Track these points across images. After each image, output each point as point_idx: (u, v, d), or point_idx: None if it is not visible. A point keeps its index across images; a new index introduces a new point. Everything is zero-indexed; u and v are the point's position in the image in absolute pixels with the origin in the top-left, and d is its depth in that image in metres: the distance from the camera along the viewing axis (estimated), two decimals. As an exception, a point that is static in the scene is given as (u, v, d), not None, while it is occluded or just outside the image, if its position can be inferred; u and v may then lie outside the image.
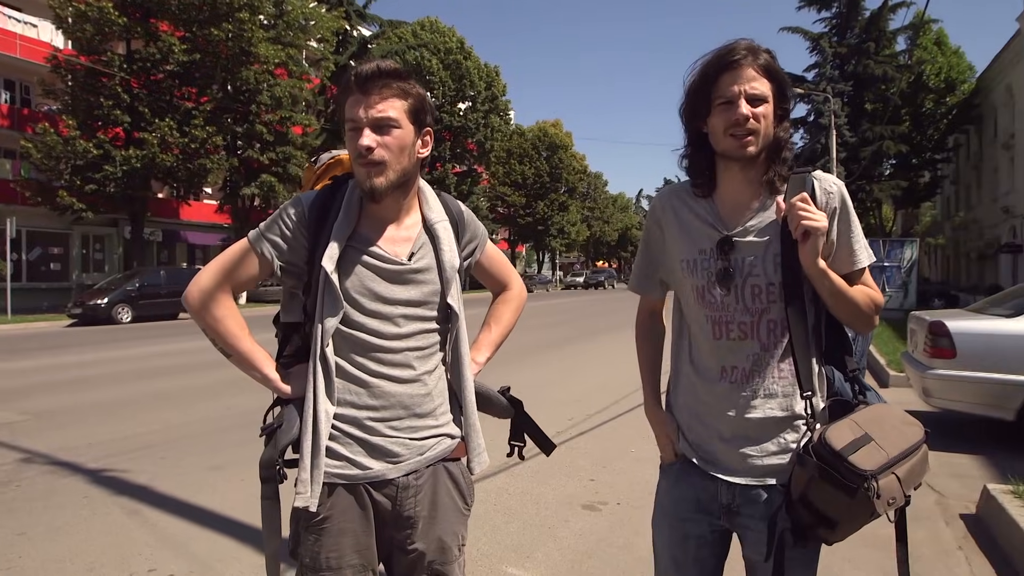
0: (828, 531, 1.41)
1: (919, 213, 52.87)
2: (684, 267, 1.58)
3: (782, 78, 1.49)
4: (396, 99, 1.51)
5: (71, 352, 12.86)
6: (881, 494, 1.32)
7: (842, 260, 1.53)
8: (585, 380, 8.94)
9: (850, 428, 1.40)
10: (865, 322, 1.54)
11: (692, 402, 1.61)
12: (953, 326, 5.66)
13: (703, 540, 1.62)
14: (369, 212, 1.58)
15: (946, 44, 39.51)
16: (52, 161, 22.21)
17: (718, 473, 1.56)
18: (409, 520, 1.58)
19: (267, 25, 25.44)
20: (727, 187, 1.55)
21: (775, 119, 1.48)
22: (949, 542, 3.72)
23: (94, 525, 3.87)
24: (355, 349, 1.54)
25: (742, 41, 1.48)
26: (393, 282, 1.57)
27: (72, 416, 6.82)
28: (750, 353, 1.52)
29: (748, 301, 1.51)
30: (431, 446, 1.61)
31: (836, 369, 1.56)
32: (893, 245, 18.33)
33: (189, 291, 1.56)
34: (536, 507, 4.18)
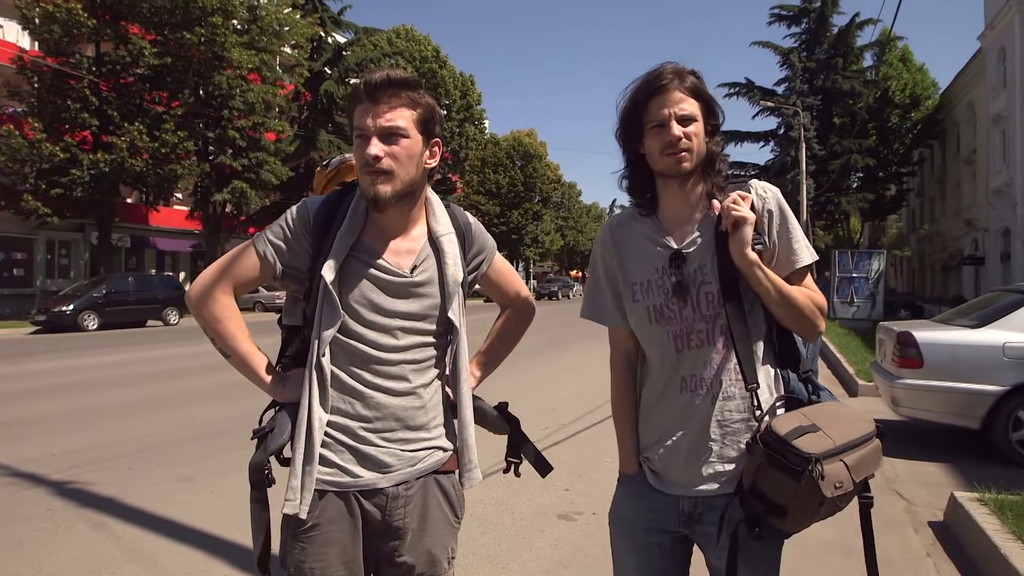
0: (780, 520, 1.44)
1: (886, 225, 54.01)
2: (638, 289, 1.62)
3: (708, 97, 1.56)
4: (405, 108, 1.50)
5: (34, 360, 12.55)
6: (826, 476, 1.36)
7: (783, 260, 1.58)
8: (560, 389, 8.95)
9: (797, 418, 1.45)
10: (809, 324, 1.56)
11: (654, 421, 1.65)
12: (920, 336, 5.78)
13: (663, 549, 1.64)
14: (374, 222, 1.57)
15: (911, 61, 40.54)
16: (17, 164, 21.73)
17: (681, 492, 1.60)
18: (398, 531, 1.57)
19: (241, 30, 25.23)
20: (668, 204, 1.62)
21: (706, 135, 1.55)
22: (918, 549, 3.78)
23: (58, 538, 3.76)
24: (351, 359, 1.53)
25: (668, 65, 1.54)
26: (394, 294, 1.55)
27: (35, 426, 6.64)
28: (707, 360, 1.56)
29: (703, 309, 1.56)
30: (422, 458, 1.60)
31: (791, 371, 1.61)
32: (861, 256, 18.65)
33: (191, 289, 1.57)
34: (511, 517, 4.17)
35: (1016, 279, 21.82)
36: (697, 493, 1.57)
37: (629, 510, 1.69)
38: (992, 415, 5.45)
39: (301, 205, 1.57)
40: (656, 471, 1.64)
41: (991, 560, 3.36)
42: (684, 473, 1.59)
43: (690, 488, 1.58)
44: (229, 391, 8.63)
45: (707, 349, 1.56)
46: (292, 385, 1.55)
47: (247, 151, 26.61)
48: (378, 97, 1.49)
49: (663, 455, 1.61)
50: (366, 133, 1.48)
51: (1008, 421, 5.43)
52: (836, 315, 18.38)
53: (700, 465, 1.56)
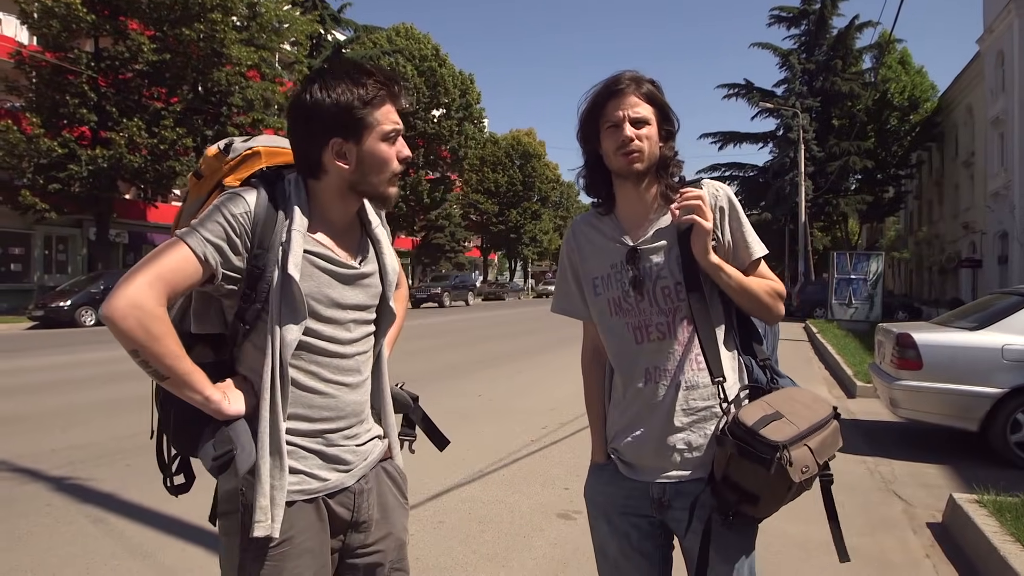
0: (752, 506, 1.50)
1: (884, 227, 54.10)
2: (599, 283, 1.70)
3: (663, 103, 1.64)
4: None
5: (32, 355, 12.53)
6: (794, 463, 1.42)
7: (739, 255, 1.67)
8: (558, 388, 8.94)
9: (761, 408, 1.51)
10: (768, 311, 1.66)
11: (622, 412, 1.70)
12: (920, 338, 5.79)
13: (643, 532, 1.68)
14: (317, 218, 1.49)
15: (910, 63, 40.64)
16: (14, 159, 21.68)
17: (647, 479, 1.65)
18: (365, 524, 1.56)
19: (240, 27, 25.16)
20: (624, 203, 1.70)
21: (660, 139, 1.63)
22: (917, 551, 3.79)
23: (58, 534, 3.76)
24: (310, 358, 1.47)
25: (627, 72, 1.64)
26: (344, 286, 1.52)
27: (33, 422, 6.63)
28: (669, 351, 1.63)
29: (661, 302, 1.63)
30: (371, 450, 1.59)
31: (752, 358, 1.68)
32: (860, 258, 18.72)
33: (116, 308, 1.28)
34: (511, 516, 4.17)
35: (1014, 282, 21.88)
36: (666, 479, 1.63)
37: (604, 496, 1.74)
38: (991, 417, 5.47)
39: (235, 199, 1.42)
40: (625, 460, 1.69)
41: (990, 562, 3.36)
42: (653, 460, 1.64)
43: (659, 474, 1.64)
44: (227, 388, 8.64)
45: (668, 341, 1.63)
46: (238, 399, 1.42)
47: (246, 148, 26.51)
48: (397, 96, 1.51)
49: (631, 444, 1.67)
50: (398, 131, 1.50)
51: (1007, 423, 5.45)
52: (834, 316, 18.43)
53: (668, 453, 1.62)
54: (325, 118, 1.42)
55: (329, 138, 1.44)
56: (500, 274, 69.53)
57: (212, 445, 1.38)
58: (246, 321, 1.43)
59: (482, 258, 61.41)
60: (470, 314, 28.48)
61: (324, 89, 1.42)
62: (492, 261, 64.55)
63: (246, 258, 1.41)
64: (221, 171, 1.56)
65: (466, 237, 51.64)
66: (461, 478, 4.86)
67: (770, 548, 3.66)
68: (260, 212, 1.42)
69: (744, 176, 43.10)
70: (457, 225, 47.31)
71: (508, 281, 59.81)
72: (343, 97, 1.41)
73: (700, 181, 1.69)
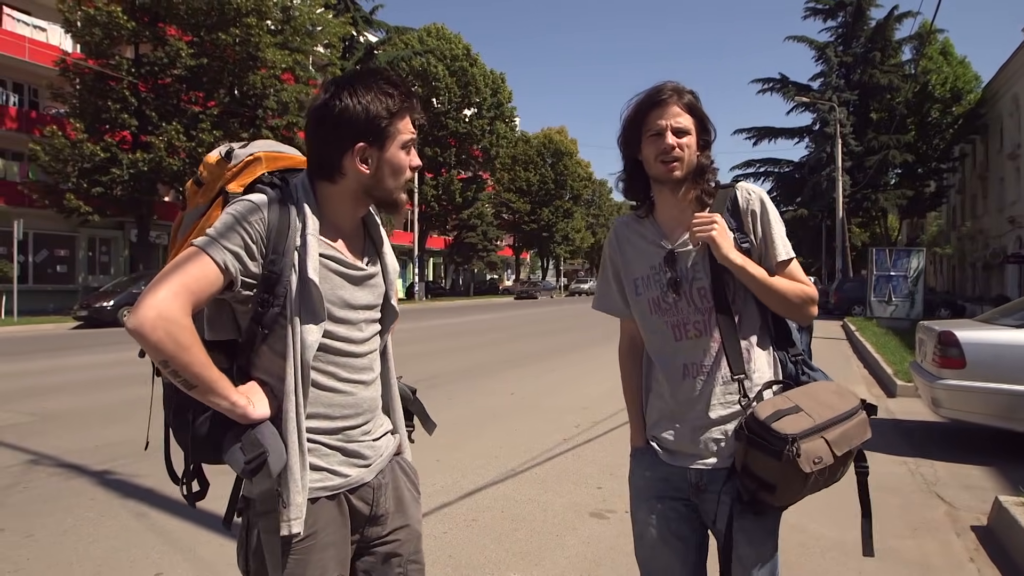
0: (769, 495, 1.59)
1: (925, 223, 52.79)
2: (640, 283, 1.81)
3: (702, 114, 1.73)
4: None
5: (77, 354, 12.89)
6: (803, 454, 1.50)
7: (767, 256, 1.74)
8: (591, 387, 8.91)
9: (779, 402, 1.60)
10: (797, 312, 1.73)
11: (663, 403, 1.80)
12: (963, 336, 5.63)
13: (680, 515, 1.77)
14: (327, 221, 1.53)
15: (952, 54, 39.50)
16: (59, 164, 22.30)
17: (687, 464, 1.75)
18: (382, 517, 1.61)
19: (274, 30, 25.53)
20: (663, 207, 1.80)
21: (698, 148, 1.72)
22: (960, 554, 3.69)
23: (101, 528, 3.86)
24: (327, 358, 1.51)
25: (669, 83, 1.73)
26: (354, 287, 1.57)
27: (78, 418, 6.82)
28: (706, 348, 1.73)
29: (697, 302, 1.73)
30: (386, 445, 1.65)
31: (785, 354, 1.77)
32: (900, 254, 18.25)
33: (145, 320, 1.30)
34: (543, 514, 4.16)
35: (1062, 278, 21.16)
36: (702, 465, 1.72)
37: (644, 480, 1.84)
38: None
39: (251, 205, 1.44)
40: (664, 447, 1.79)
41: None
42: (691, 448, 1.74)
43: (695, 460, 1.74)
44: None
45: (704, 339, 1.73)
46: (262, 402, 1.44)
47: (281, 151, 26.91)
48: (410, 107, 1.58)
49: (670, 433, 1.77)
50: (414, 141, 1.58)
51: (1055, 424, 5.27)
52: (873, 314, 18.03)
53: (704, 442, 1.72)
54: (354, 123, 1.46)
55: (355, 143, 1.47)
56: (532, 273, 69.53)
57: (241, 450, 1.39)
58: (264, 325, 1.45)
59: (514, 257, 61.45)
60: (503, 312, 28.51)
61: (353, 96, 1.46)
62: (524, 260, 64.51)
63: (262, 264, 1.44)
64: (223, 177, 1.57)
65: (498, 236, 51.72)
66: (494, 476, 4.87)
67: (808, 550, 3.60)
68: (273, 218, 1.45)
69: (779, 172, 42.44)
70: (489, 224, 47.40)
71: (540, 280, 59.76)
72: (372, 106, 1.47)
73: (735, 185, 1.77)
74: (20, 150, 25.85)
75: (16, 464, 5.13)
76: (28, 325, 19.27)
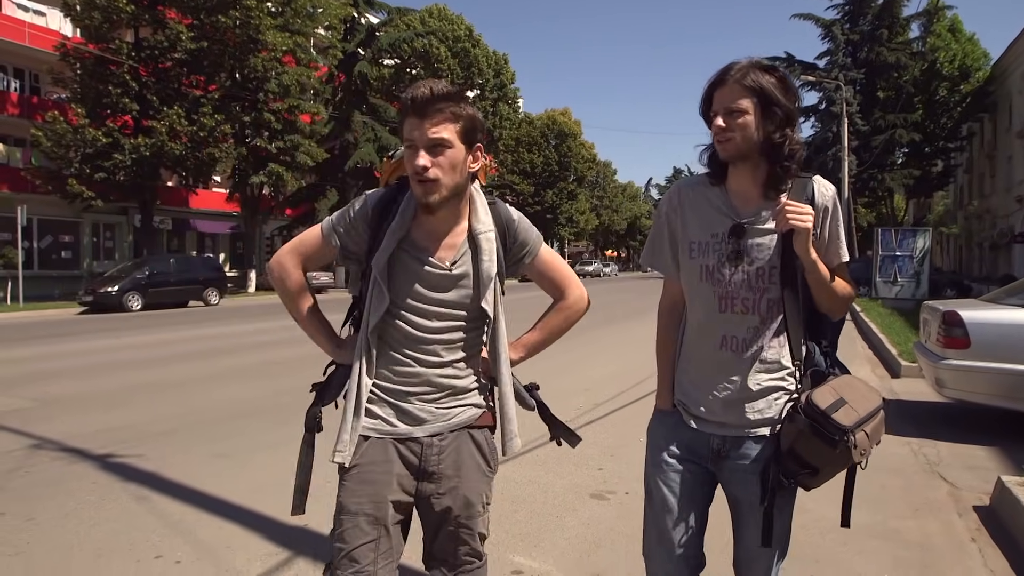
0: (810, 478, 1.71)
1: (932, 202, 52.44)
2: (695, 248, 1.81)
3: (767, 93, 1.70)
4: (448, 122, 1.67)
5: (81, 339, 12.94)
6: (858, 445, 1.62)
7: (831, 253, 1.79)
8: (594, 369, 8.91)
9: (830, 392, 1.68)
10: (840, 309, 1.81)
11: (694, 370, 1.85)
12: (967, 316, 5.58)
13: (695, 478, 1.84)
14: (422, 219, 1.76)
15: (961, 31, 39.00)
16: (62, 149, 22.28)
17: (713, 431, 1.81)
18: (434, 475, 1.80)
19: (275, 12, 25.33)
20: (734, 180, 1.80)
21: (764, 124, 1.70)
22: (962, 534, 3.67)
23: (102, 511, 3.87)
24: (395, 335, 1.78)
25: (738, 62, 1.74)
26: (434, 285, 1.76)
27: (81, 403, 6.85)
28: (750, 325, 1.76)
29: (753, 280, 1.75)
30: (456, 415, 1.83)
31: (816, 345, 1.83)
32: (905, 234, 18.12)
33: (271, 263, 1.88)
34: (544, 496, 4.16)
35: (1070, 257, 21.00)
36: (726, 432, 1.79)
37: (665, 440, 1.89)
38: (1042, 397, 5.25)
39: (363, 197, 1.81)
40: (691, 412, 1.84)
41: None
42: (720, 416, 1.80)
43: (721, 428, 1.80)
44: (260, 371, 8.82)
45: (751, 317, 1.76)
46: (348, 350, 1.83)
47: (282, 134, 26.86)
48: (424, 112, 1.65)
49: (699, 399, 1.82)
50: (415, 145, 1.66)
51: (1059, 403, 5.23)
52: (878, 294, 17.95)
53: (734, 413, 1.78)
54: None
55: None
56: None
57: (325, 371, 1.91)
58: (362, 293, 1.80)
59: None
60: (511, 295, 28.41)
61: None
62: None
63: (365, 246, 1.78)
64: (388, 172, 1.96)
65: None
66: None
67: (807, 531, 3.59)
68: (375, 212, 1.77)
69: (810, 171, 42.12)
70: (492, 206, 47.21)
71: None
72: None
73: (812, 177, 1.79)
74: (22, 136, 25.86)
75: (19, 449, 5.15)
76: (33, 311, 19.35)
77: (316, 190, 33.88)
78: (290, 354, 10.01)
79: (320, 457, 1.84)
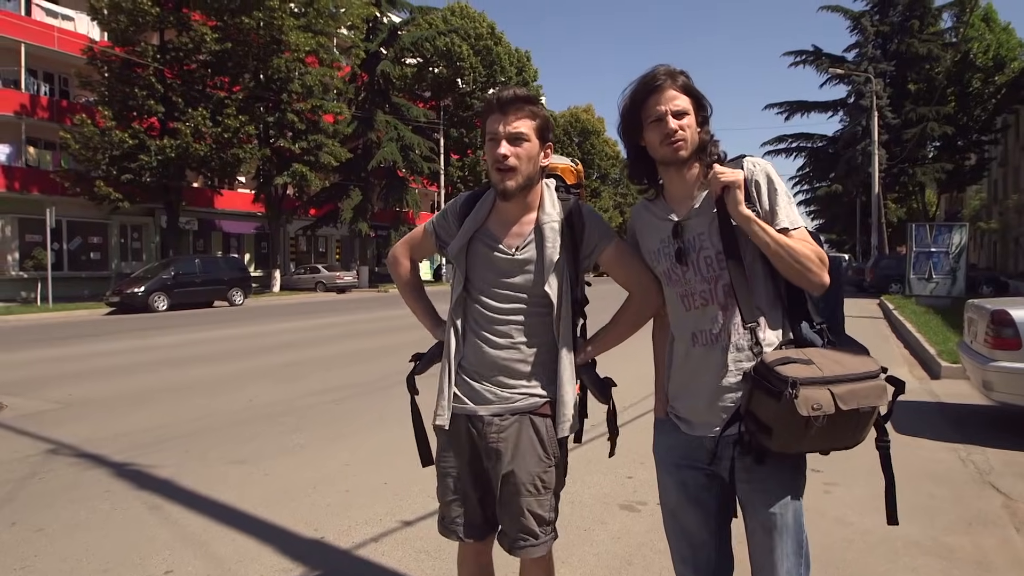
0: (767, 437, 1.62)
1: (964, 197, 51.19)
2: (652, 258, 1.90)
3: (697, 93, 1.79)
4: (527, 119, 1.90)
5: (107, 340, 13.01)
6: (801, 397, 1.53)
7: (773, 221, 1.73)
8: (621, 370, 8.64)
9: (795, 353, 1.65)
10: (808, 273, 1.68)
11: (679, 374, 1.88)
12: (1018, 315, 5.28)
13: (699, 483, 1.84)
14: (497, 210, 1.99)
15: (995, 20, 38.03)
16: (90, 152, 22.54)
17: (704, 433, 1.80)
18: (494, 452, 1.97)
19: (298, 13, 25.41)
20: (671, 187, 1.86)
21: (698, 125, 1.78)
22: (1021, 551, 3.40)
23: (113, 521, 3.76)
24: (472, 315, 2.01)
25: (660, 67, 1.78)
26: (502, 268, 1.96)
27: (102, 406, 6.79)
28: (713, 316, 1.77)
29: (703, 271, 1.78)
30: (518, 400, 1.97)
31: (805, 322, 1.76)
32: (941, 230, 17.56)
33: (389, 255, 2.25)
34: (571, 507, 3.96)
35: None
36: (716, 434, 1.76)
37: (664, 449, 1.92)
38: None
39: (455, 197, 2.13)
40: (681, 417, 1.86)
41: (1113, 567, 2.98)
42: (706, 416, 1.79)
43: (711, 429, 1.78)
44: (286, 372, 8.70)
45: (711, 308, 1.78)
46: (444, 329, 2.09)
47: (306, 134, 26.94)
48: (507, 109, 1.89)
49: (685, 402, 1.85)
50: (497, 137, 1.88)
51: (1119, 408, 4.91)
52: (912, 292, 17.44)
53: (718, 410, 1.77)
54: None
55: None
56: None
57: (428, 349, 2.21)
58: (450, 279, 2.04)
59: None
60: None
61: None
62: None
63: (449, 231, 2.06)
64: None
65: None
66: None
67: (854, 545, 3.36)
68: (463, 207, 2.05)
69: (812, 147, 41.40)
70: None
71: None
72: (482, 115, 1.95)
73: (741, 158, 1.81)
74: (52, 139, 26.18)
75: (36, 454, 5.08)
76: (61, 312, 19.57)
77: (340, 190, 33.95)
78: (314, 354, 9.93)
79: (340, 467, 1.81)
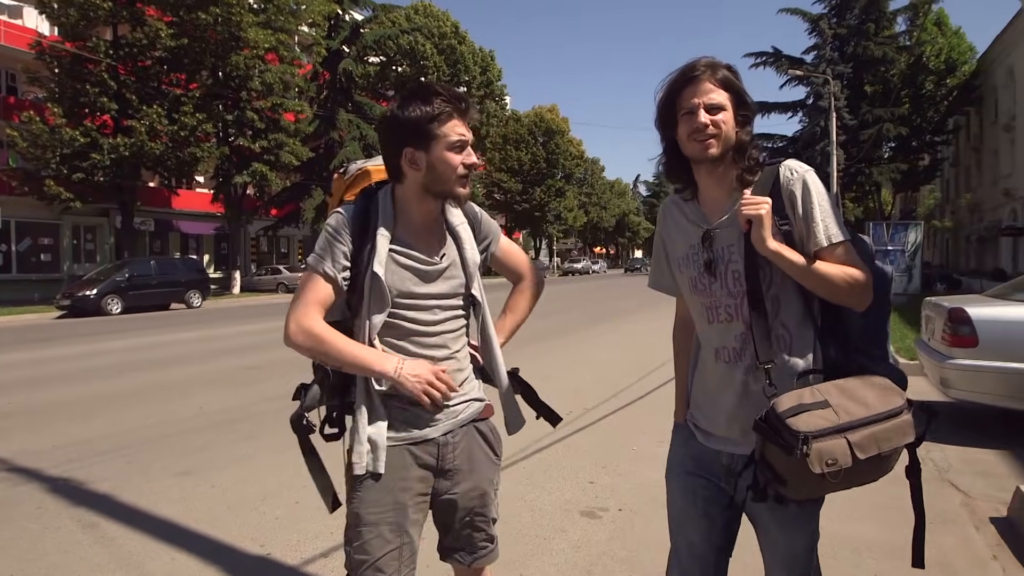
0: (781, 487, 1.54)
1: (918, 197, 52.49)
2: (680, 263, 1.80)
3: (739, 89, 1.66)
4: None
5: (55, 345, 12.52)
6: (814, 454, 1.43)
7: (813, 236, 1.61)
8: (582, 371, 8.60)
9: (809, 394, 1.52)
10: (846, 296, 1.59)
11: (702, 383, 1.80)
12: (975, 313, 5.31)
13: (708, 495, 1.77)
14: (402, 219, 1.81)
15: (947, 24, 38.94)
16: (38, 150, 21.79)
17: (721, 447, 1.73)
18: (450, 472, 1.86)
19: (256, 9, 24.91)
20: (704, 188, 1.74)
21: (737, 124, 1.65)
22: (982, 550, 3.39)
23: (44, 541, 3.52)
24: (397, 335, 1.79)
25: (703, 59, 1.66)
26: (427, 279, 1.81)
27: (43, 415, 6.48)
28: (737, 333, 1.67)
29: (730, 285, 1.68)
30: (462, 410, 1.88)
31: (834, 344, 1.66)
32: (897, 228, 17.92)
33: (291, 334, 1.71)
34: (531, 515, 3.84)
35: (1060, 250, 20.91)
36: (733, 449, 1.70)
37: (678, 455, 1.86)
38: (1055, 398, 4.99)
39: (336, 216, 1.78)
40: (700, 427, 1.79)
41: (1071, 567, 2.96)
42: (724, 431, 1.72)
43: (728, 444, 1.71)
44: (237, 377, 8.47)
45: (736, 324, 1.67)
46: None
47: (266, 133, 26.42)
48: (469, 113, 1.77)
49: (705, 413, 1.78)
50: (465, 142, 1.75)
51: (1073, 404, 4.97)
52: (870, 289, 17.77)
53: (736, 428, 1.69)
54: (400, 131, 1.72)
55: (403, 147, 1.72)
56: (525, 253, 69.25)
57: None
58: (351, 308, 1.77)
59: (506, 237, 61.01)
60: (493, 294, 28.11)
61: (401, 107, 1.72)
62: (517, 240, 64.14)
63: (351, 257, 1.75)
64: (342, 190, 2.00)
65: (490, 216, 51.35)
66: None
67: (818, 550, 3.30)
68: (356, 225, 1.76)
69: (772, 147, 41.90)
70: (480, 204, 46.72)
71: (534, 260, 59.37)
72: (414, 113, 1.70)
73: (780, 162, 1.67)
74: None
75: (-34, 468, 4.79)
76: (8, 316, 18.84)
77: (302, 189, 33.41)
78: (273, 358, 9.67)
79: (290, 477, 1.62)
